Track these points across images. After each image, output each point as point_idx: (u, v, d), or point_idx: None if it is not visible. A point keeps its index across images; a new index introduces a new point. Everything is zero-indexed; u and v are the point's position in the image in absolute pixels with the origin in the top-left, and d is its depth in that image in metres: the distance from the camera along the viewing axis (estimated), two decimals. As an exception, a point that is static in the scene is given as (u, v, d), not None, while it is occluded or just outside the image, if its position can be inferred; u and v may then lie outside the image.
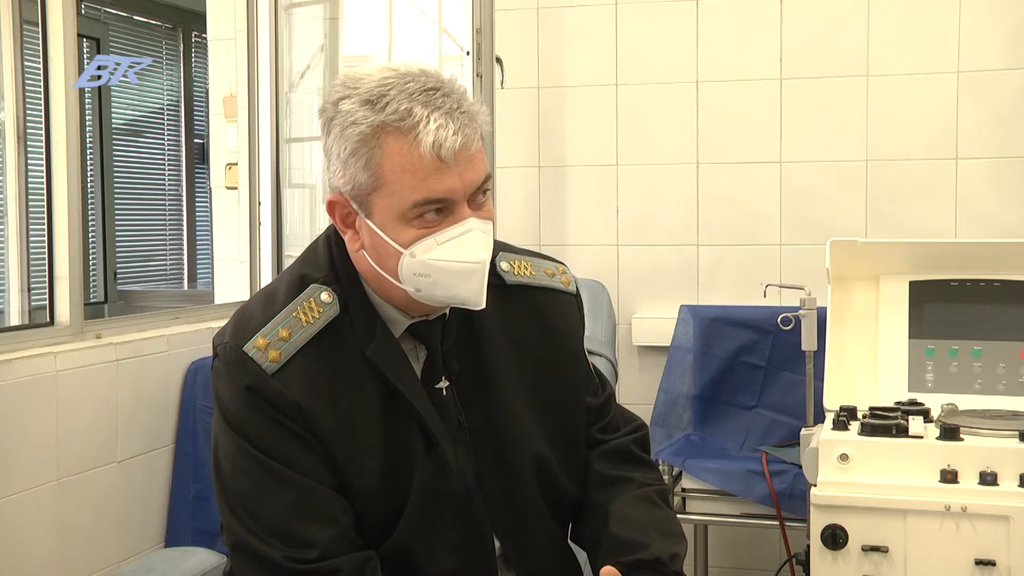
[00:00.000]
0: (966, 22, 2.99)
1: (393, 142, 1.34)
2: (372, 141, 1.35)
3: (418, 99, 1.33)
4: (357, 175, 1.36)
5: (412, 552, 1.44)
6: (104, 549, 2.26)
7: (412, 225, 1.36)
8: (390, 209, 1.36)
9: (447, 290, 1.37)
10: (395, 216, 1.36)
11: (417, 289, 1.39)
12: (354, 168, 1.36)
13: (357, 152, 1.35)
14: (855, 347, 2.45)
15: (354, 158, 1.36)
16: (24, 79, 2.34)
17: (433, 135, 1.32)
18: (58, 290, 2.26)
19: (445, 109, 1.33)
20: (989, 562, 1.97)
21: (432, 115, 1.32)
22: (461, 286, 1.37)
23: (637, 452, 1.63)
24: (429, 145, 1.32)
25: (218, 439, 1.44)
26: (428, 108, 1.33)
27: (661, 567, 1.46)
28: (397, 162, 1.34)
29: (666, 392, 3.02)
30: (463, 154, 1.33)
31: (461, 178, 1.34)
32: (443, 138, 1.32)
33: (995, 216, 2.99)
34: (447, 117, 1.33)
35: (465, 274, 1.36)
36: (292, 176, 3.24)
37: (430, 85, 1.35)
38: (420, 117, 1.32)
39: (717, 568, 3.17)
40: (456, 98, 1.36)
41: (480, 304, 1.38)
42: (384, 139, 1.34)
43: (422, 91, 1.34)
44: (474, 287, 1.37)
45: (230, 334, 1.44)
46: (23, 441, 2.04)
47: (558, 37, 3.27)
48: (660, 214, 3.22)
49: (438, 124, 1.32)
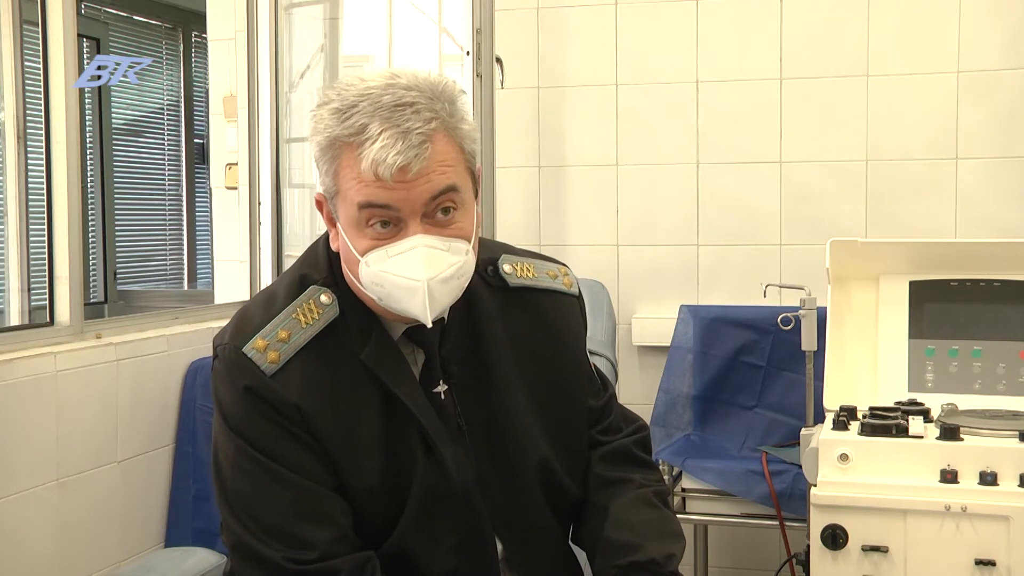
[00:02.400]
0: (966, 22, 2.99)
1: (346, 155, 1.35)
2: (331, 151, 1.37)
3: (381, 114, 1.33)
4: (325, 179, 1.40)
5: (412, 553, 1.44)
6: (104, 549, 2.26)
7: (366, 234, 1.37)
8: (347, 215, 1.38)
9: (398, 303, 1.38)
10: (352, 222, 1.38)
11: (378, 297, 1.39)
12: (322, 172, 1.40)
13: (322, 157, 1.39)
14: (855, 347, 2.45)
15: (320, 162, 1.39)
16: (24, 79, 2.33)
17: (374, 153, 1.32)
18: (58, 290, 2.26)
19: (403, 128, 1.32)
20: (989, 562, 1.97)
21: (384, 132, 1.32)
22: (408, 301, 1.36)
23: (637, 453, 1.63)
24: (369, 162, 1.32)
25: (218, 440, 1.44)
26: (385, 124, 1.33)
27: (656, 568, 1.46)
28: (349, 172, 1.36)
29: (666, 392, 3.02)
30: (403, 175, 1.33)
31: (407, 192, 1.34)
32: (382, 158, 1.31)
33: (995, 216, 2.99)
34: (398, 136, 1.32)
35: (409, 290, 1.35)
36: (292, 176, 3.24)
37: (406, 100, 1.34)
38: (371, 134, 1.33)
39: (717, 568, 3.17)
40: (428, 115, 1.34)
41: (427, 322, 1.36)
42: (340, 151, 1.36)
43: (392, 106, 1.33)
44: (417, 304, 1.36)
45: (230, 335, 1.44)
46: (23, 441, 2.04)
47: (558, 37, 3.27)
48: (660, 214, 3.22)
49: (383, 144, 1.32)
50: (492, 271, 1.54)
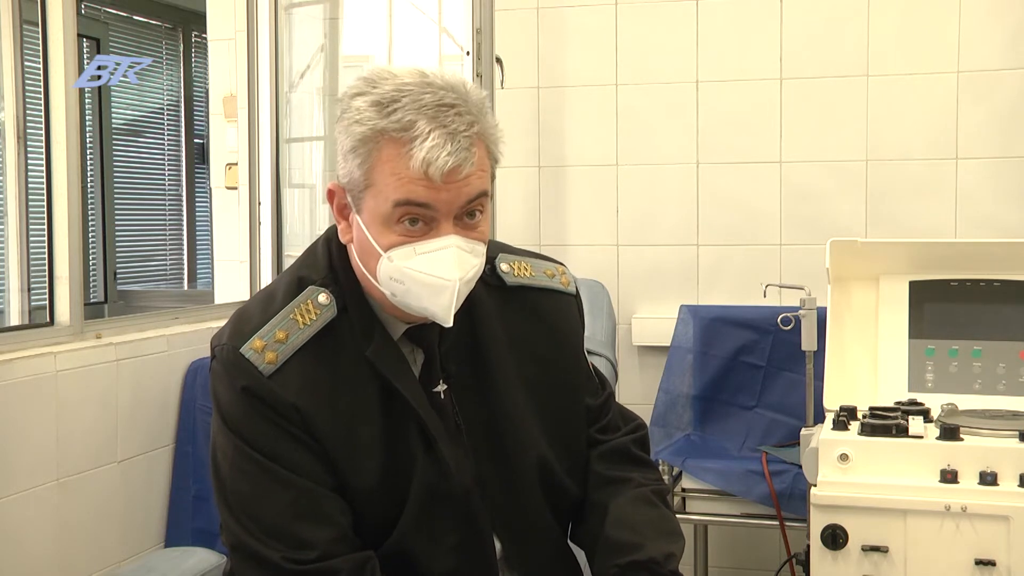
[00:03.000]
0: (966, 22, 2.99)
1: (389, 149, 1.34)
2: (371, 143, 1.35)
3: (427, 112, 1.33)
4: (353, 171, 1.38)
5: (411, 553, 1.44)
6: (104, 549, 2.26)
7: (394, 230, 1.36)
8: (376, 210, 1.37)
9: (418, 301, 1.38)
10: (380, 218, 1.37)
11: (393, 294, 1.39)
12: (352, 164, 1.38)
13: (356, 150, 1.36)
14: (855, 347, 2.45)
15: (353, 154, 1.37)
16: (24, 79, 2.34)
17: (426, 152, 1.31)
18: (58, 290, 2.26)
19: (450, 129, 1.32)
20: (989, 562, 1.97)
21: (433, 132, 1.32)
22: (431, 299, 1.36)
23: (636, 452, 1.63)
24: (420, 161, 1.31)
25: (217, 440, 1.44)
26: (432, 124, 1.32)
27: (655, 567, 1.46)
28: (388, 167, 1.34)
29: (666, 392, 3.02)
30: (453, 177, 1.33)
31: (449, 194, 1.34)
32: (434, 157, 1.31)
33: (995, 216, 2.99)
34: (447, 137, 1.32)
35: (436, 289, 1.36)
36: (292, 176, 3.24)
37: (447, 101, 1.34)
38: (420, 132, 1.32)
39: (717, 568, 3.17)
40: (469, 119, 1.34)
41: (448, 321, 1.37)
42: (382, 144, 1.35)
43: (436, 105, 1.33)
44: (443, 303, 1.36)
45: (228, 335, 1.44)
46: (23, 441, 2.04)
47: (558, 37, 3.27)
48: (660, 214, 3.22)
49: (434, 143, 1.31)
50: (489, 270, 1.54)
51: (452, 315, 1.37)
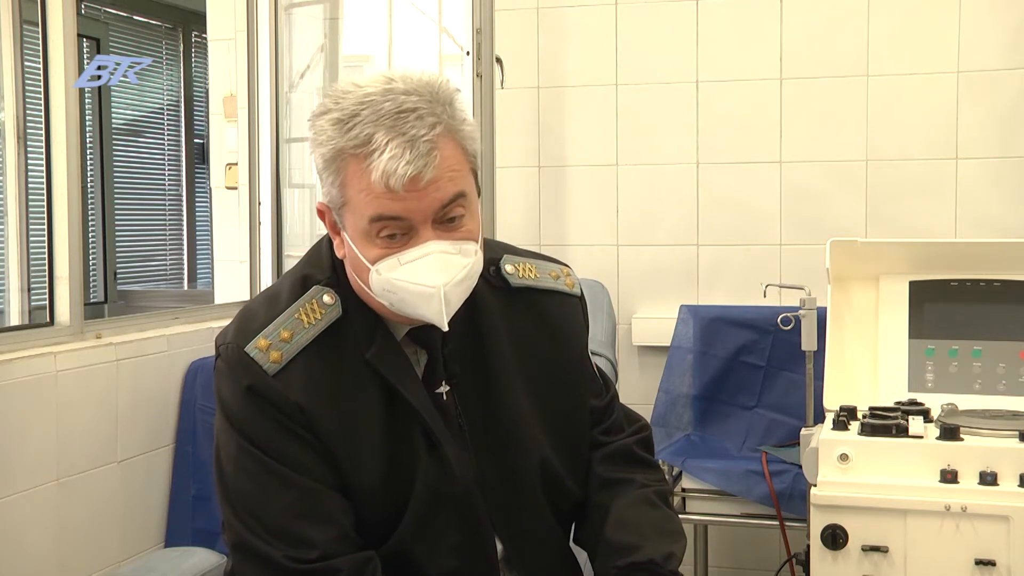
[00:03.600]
0: (966, 22, 2.99)
1: (353, 166, 1.34)
2: (337, 162, 1.36)
3: (384, 123, 1.32)
4: (331, 190, 1.38)
5: (413, 553, 1.45)
6: (104, 549, 2.26)
7: (376, 243, 1.36)
8: (356, 226, 1.37)
9: (413, 309, 1.38)
10: (361, 233, 1.37)
11: (390, 303, 1.40)
12: (327, 184, 1.38)
13: (327, 169, 1.37)
14: (855, 347, 2.45)
15: (326, 173, 1.38)
16: (24, 79, 2.33)
17: (384, 164, 1.31)
18: (58, 290, 2.26)
19: (409, 136, 1.31)
20: (989, 562, 1.97)
21: (391, 143, 1.31)
22: (423, 306, 1.36)
23: (639, 453, 1.63)
24: (380, 174, 1.31)
25: (220, 439, 1.44)
26: (390, 134, 1.32)
27: (655, 567, 1.46)
28: (356, 184, 1.35)
29: (666, 392, 3.02)
30: (415, 184, 1.32)
31: (419, 201, 1.33)
32: (392, 169, 1.30)
33: (995, 216, 2.99)
34: (406, 146, 1.31)
35: (424, 296, 1.36)
36: (292, 176, 3.24)
37: (407, 106, 1.33)
38: (377, 145, 1.32)
39: (717, 568, 3.17)
40: (431, 120, 1.33)
41: (443, 326, 1.37)
42: (346, 162, 1.35)
43: (395, 113, 1.32)
44: (434, 309, 1.36)
45: (232, 334, 1.44)
46: (23, 441, 2.04)
47: (558, 37, 3.27)
48: (660, 214, 3.22)
49: (392, 154, 1.31)
50: (494, 271, 1.54)
51: (446, 319, 1.37)
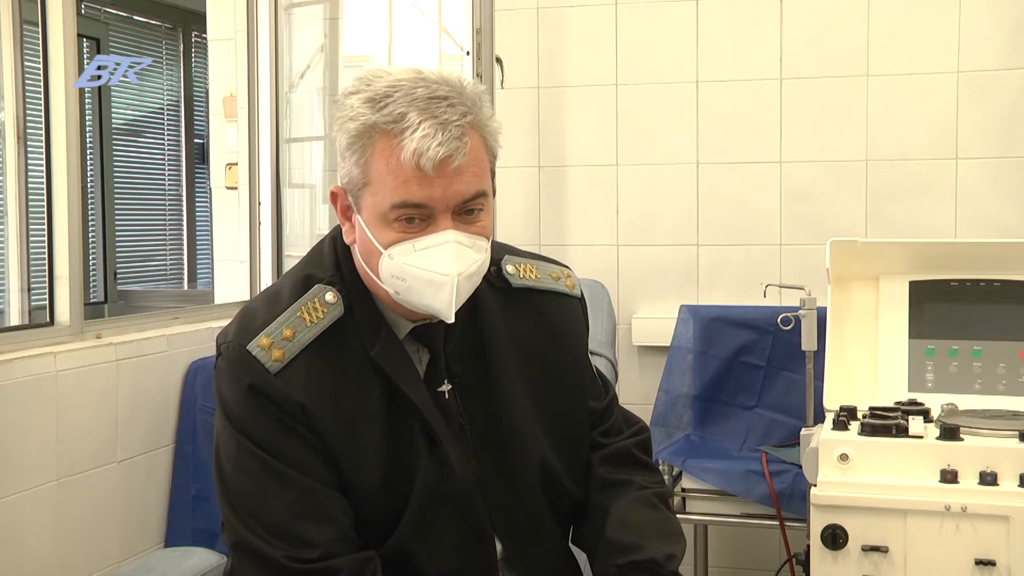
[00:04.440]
0: (966, 22, 2.99)
1: (382, 143, 1.34)
2: (364, 139, 1.35)
3: (418, 104, 1.33)
4: (351, 170, 1.38)
5: (413, 553, 1.45)
6: (104, 549, 2.26)
7: (392, 227, 1.36)
8: (374, 208, 1.37)
9: (420, 298, 1.38)
10: (378, 215, 1.37)
11: (396, 291, 1.39)
12: (349, 162, 1.38)
13: (352, 146, 1.37)
14: (855, 347, 2.45)
15: (349, 152, 1.38)
16: (24, 79, 2.33)
17: (416, 143, 1.31)
18: (58, 290, 2.26)
19: (442, 119, 1.32)
20: (989, 562, 1.97)
21: (424, 123, 1.32)
22: (432, 296, 1.36)
23: (638, 455, 1.63)
24: (411, 152, 1.31)
25: (220, 438, 1.44)
26: (423, 115, 1.32)
27: (655, 567, 1.47)
28: (382, 163, 1.35)
29: (666, 392, 3.02)
30: (444, 167, 1.32)
31: (444, 189, 1.34)
32: (424, 147, 1.31)
33: (995, 216, 2.99)
34: (438, 127, 1.32)
35: (436, 285, 1.36)
36: (292, 176, 3.24)
37: (440, 93, 1.34)
38: (410, 123, 1.32)
39: (717, 568, 3.17)
40: (462, 110, 1.34)
41: (450, 317, 1.37)
42: (375, 139, 1.35)
43: (428, 98, 1.33)
44: (444, 299, 1.36)
45: (234, 333, 1.44)
46: (23, 441, 2.04)
47: (558, 37, 3.27)
48: (660, 214, 3.22)
49: (424, 133, 1.31)
50: (495, 272, 1.54)
51: (454, 310, 1.37)
